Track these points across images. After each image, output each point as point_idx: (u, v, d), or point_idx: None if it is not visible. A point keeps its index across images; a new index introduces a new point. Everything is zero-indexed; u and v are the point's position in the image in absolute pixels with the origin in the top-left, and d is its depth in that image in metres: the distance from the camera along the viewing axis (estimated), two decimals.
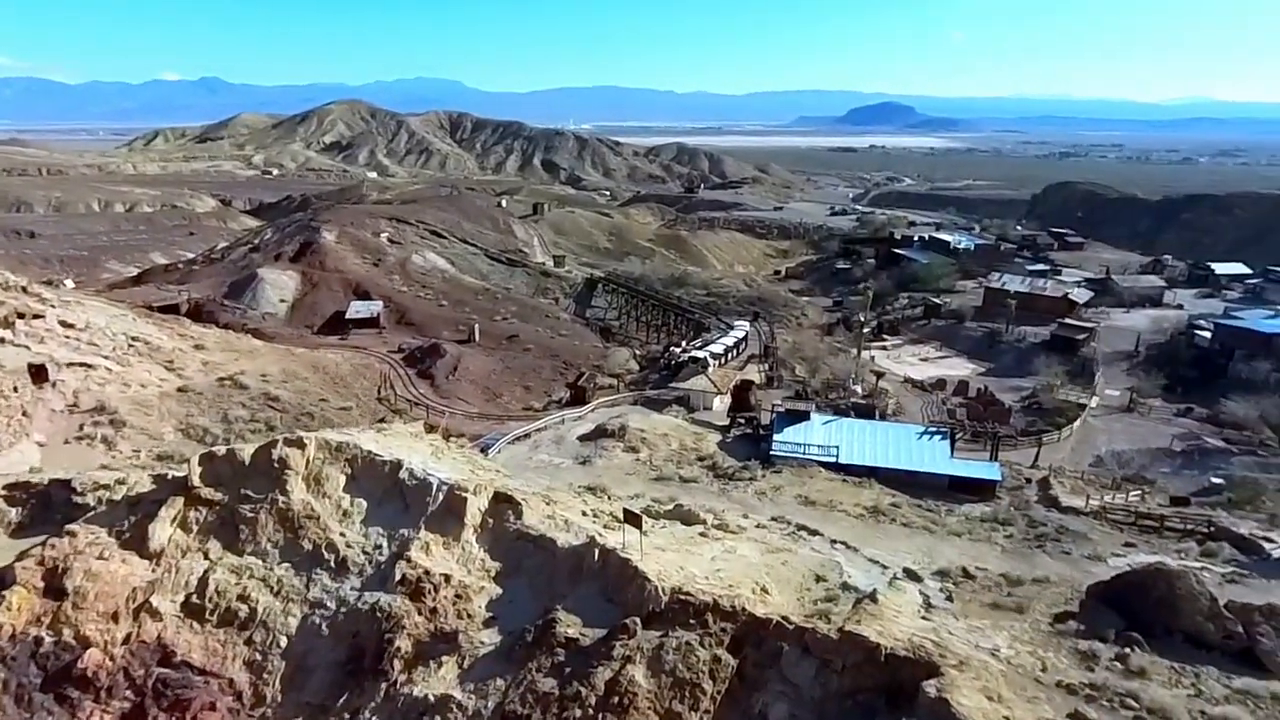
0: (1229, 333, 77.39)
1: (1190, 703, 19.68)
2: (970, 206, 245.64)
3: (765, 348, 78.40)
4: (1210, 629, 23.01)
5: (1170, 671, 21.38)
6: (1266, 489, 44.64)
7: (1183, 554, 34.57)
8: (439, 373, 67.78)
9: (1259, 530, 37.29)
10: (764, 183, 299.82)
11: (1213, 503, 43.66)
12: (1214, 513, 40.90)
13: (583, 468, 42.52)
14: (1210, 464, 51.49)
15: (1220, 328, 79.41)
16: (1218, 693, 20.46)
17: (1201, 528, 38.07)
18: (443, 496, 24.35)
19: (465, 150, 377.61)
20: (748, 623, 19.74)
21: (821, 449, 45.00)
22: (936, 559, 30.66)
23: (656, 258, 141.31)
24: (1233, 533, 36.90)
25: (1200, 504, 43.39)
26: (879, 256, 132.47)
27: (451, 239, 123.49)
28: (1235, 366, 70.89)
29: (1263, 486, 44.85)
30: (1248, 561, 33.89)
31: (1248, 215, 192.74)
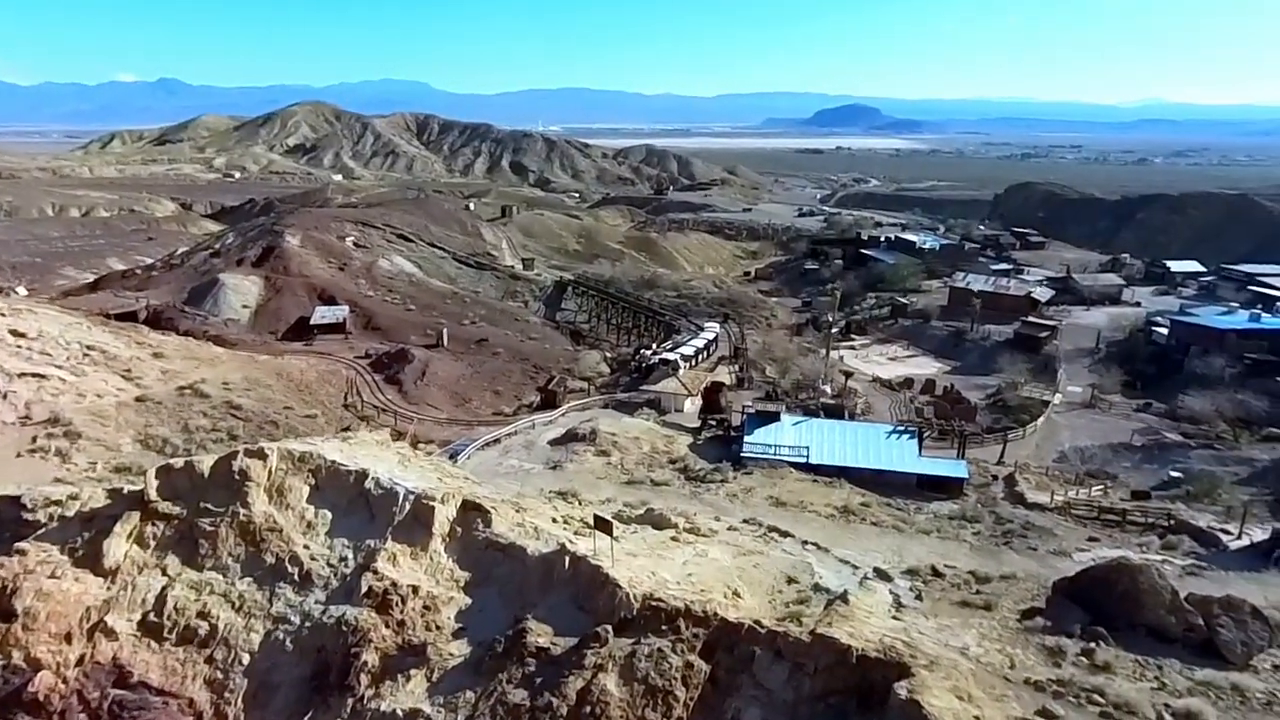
0: (1185, 329, 79.39)
1: (1154, 696, 20.01)
2: (935, 207, 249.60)
3: (735, 349, 78.65)
4: (1172, 622, 23.47)
5: (1134, 665, 21.75)
6: (1223, 482, 45.79)
7: (1144, 547, 35.33)
8: (406, 378, 66.86)
9: (1216, 523, 38.24)
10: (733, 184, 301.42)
11: (1172, 496, 44.70)
12: (1174, 506, 41.84)
13: (553, 473, 42.20)
14: (1169, 458, 52.69)
15: (1176, 324, 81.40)
16: (1180, 685, 20.84)
17: (1162, 521, 38.94)
18: (410, 506, 23.91)
19: (432, 152, 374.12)
20: (720, 627, 19.65)
21: (792, 450, 45.19)
22: (906, 558, 30.93)
23: (626, 260, 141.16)
24: (1192, 525, 37.81)
25: (1160, 498, 44.41)
26: (846, 257, 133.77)
27: (419, 242, 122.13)
28: (1191, 362, 72.67)
29: (1219, 479, 46.00)
30: (1206, 554, 34.73)
31: (1201, 214, 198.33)
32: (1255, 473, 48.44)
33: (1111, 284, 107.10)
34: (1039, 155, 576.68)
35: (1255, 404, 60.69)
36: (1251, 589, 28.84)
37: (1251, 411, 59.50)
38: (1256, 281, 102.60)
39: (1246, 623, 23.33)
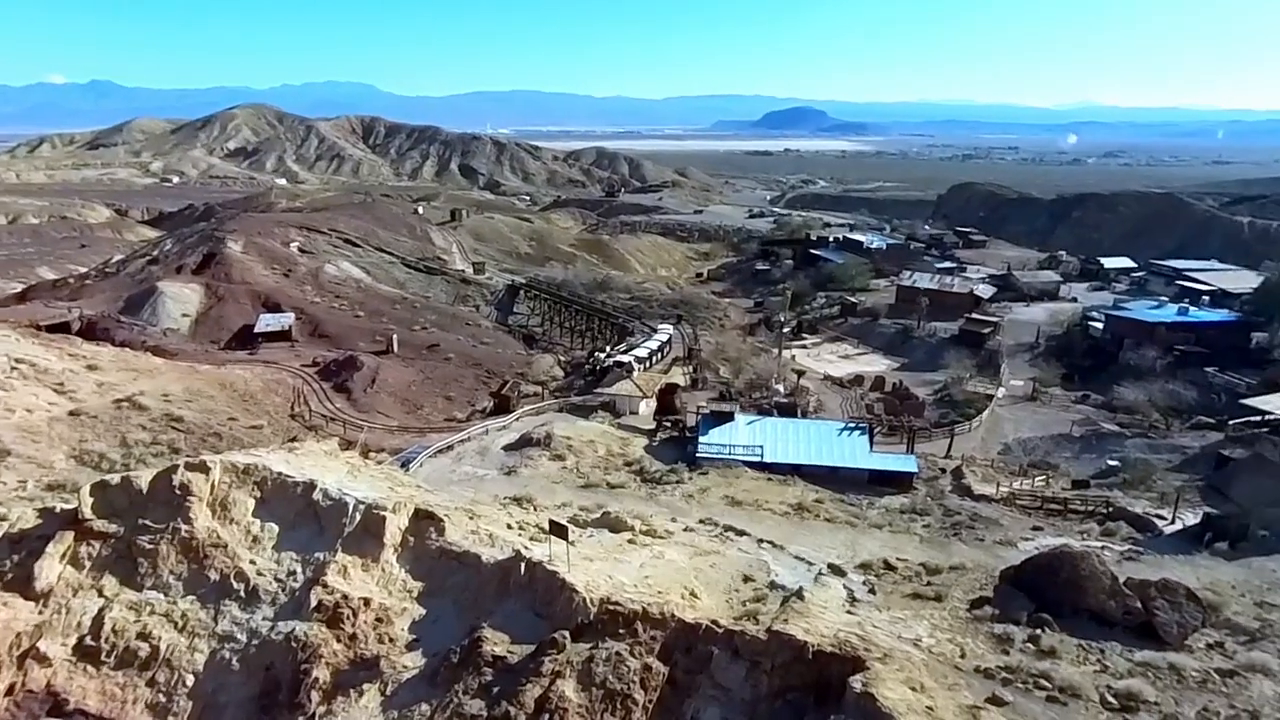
0: (1118, 323, 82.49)
1: (1097, 678, 20.72)
2: (881, 207, 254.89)
3: (689, 350, 79.00)
4: (1112, 606, 24.33)
5: (1078, 649, 22.48)
6: (1157, 469, 47.61)
7: (1085, 535, 36.57)
8: (356, 386, 65.48)
9: (1151, 508, 39.79)
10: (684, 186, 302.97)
11: (1110, 484, 46.29)
12: (1111, 494, 43.40)
13: (508, 478, 41.78)
14: (1106, 447, 54.60)
15: (1110, 318, 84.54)
16: (1121, 667, 21.62)
17: (1101, 509, 40.37)
18: (360, 516, 23.41)
19: (379, 156, 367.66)
20: (677, 629, 19.69)
21: (747, 449, 45.56)
22: (859, 552, 31.44)
23: (579, 262, 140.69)
24: (1129, 512, 39.28)
25: (1099, 486, 45.98)
26: (796, 257, 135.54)
27: (366, 247, 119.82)
28: (1125, 354, 75.51)
29: (1153, 467, 47.81)
30: (1143, 539, 36.11)
31: (1131, 212, 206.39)
32: (1186, 459, 50.49)
33: (1049, 280, 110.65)
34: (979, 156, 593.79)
35: (1185, 393, 63.29)
36: (1185, 571, 30.10)
37: (1181, 401, 62.03)
38: (1183, 276, 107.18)
39: (1181, 604, 24.34)
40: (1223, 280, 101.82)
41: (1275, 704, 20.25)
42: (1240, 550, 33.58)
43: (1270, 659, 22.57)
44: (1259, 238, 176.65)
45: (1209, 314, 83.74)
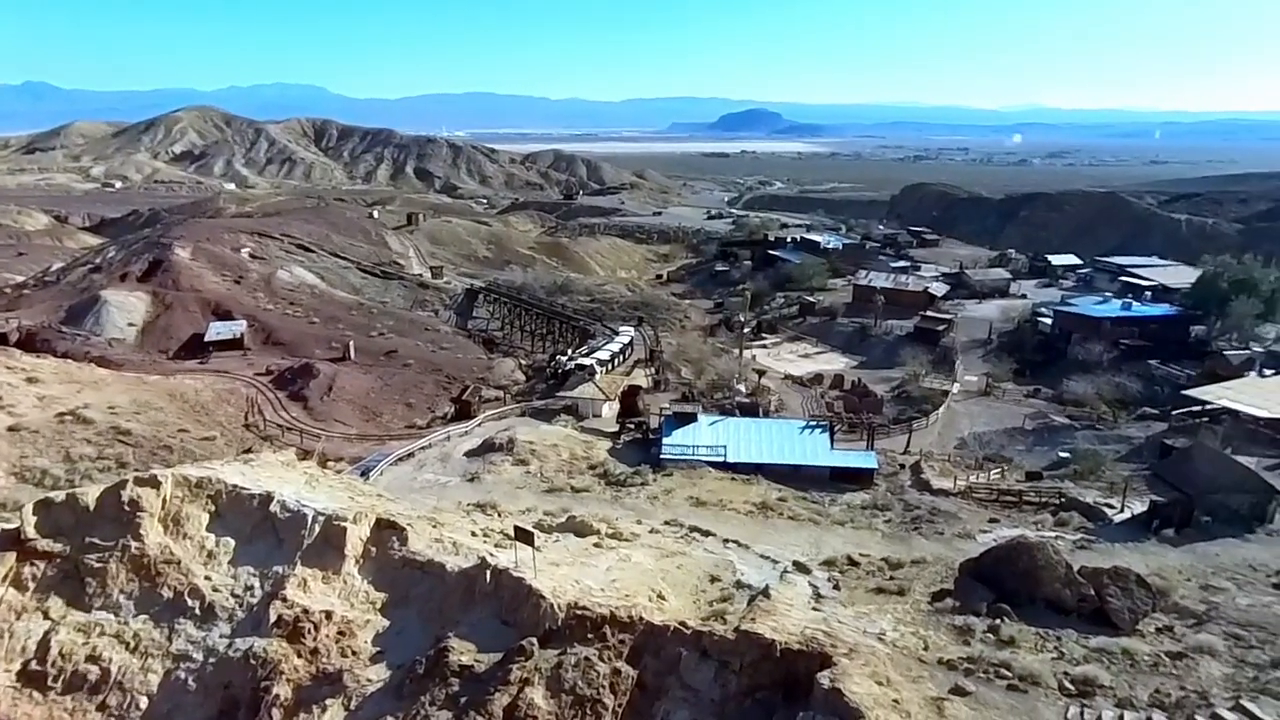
0: (1066, 319, 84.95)
1: (1055, 665, 21.26)
2: (836, 208, 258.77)
3: (651, 352, 79.09)
4: (1067, 594, 25.00)
5: (1036, 638, 23.04)
6: (1106, 459, 49.10)
7: (1039, 525, 37.51)
8: (312, 394, 64.10)
9: (1101, 498, 40.98)
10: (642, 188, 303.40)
11: (1061, 475, 47.59)
12: (1063, 484, 44.60)
13: (471, 485, 41.31)
14: (1057, 439, 56.20)
15: (1059, 314, 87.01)
16: (1077, 653, 22.21)
17: (1054, 499, 41.45)
18: (319, 528, 22.91)
19: (332, 159, 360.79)
20: (646, 631, 19.67)
21: (710, 449, 45.76)
22: (823, 549, 31.78)
23: (538, 265, 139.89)
24: (1080, 502, 40.40)
25: (1051, 477, 47.24)
26: (755, 258, 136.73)
27: (320, 252, 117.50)
28: (1073, 349, 77.80)
29: (1102, 457, 49.30)
30: (1094, 528, 37.18)
31: (1076, 211, 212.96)
32: (1133, 449, 52.22)
33: (1000, 278, 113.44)
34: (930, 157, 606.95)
35: (1130, 385, 65.46)
36: (1135, 559, 31.04)
37: (1127, 393, 64.13)
38: (1126, 273, 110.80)
39: (1132, 591, 25.10)
40: (1163, 276, 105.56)
41: (1222, 684, 21.01)
42: (1185, 536, 34.78)
43: (1216, 640, 23.41)
44: (1195, 234, 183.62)
45: (1151, 309, 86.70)
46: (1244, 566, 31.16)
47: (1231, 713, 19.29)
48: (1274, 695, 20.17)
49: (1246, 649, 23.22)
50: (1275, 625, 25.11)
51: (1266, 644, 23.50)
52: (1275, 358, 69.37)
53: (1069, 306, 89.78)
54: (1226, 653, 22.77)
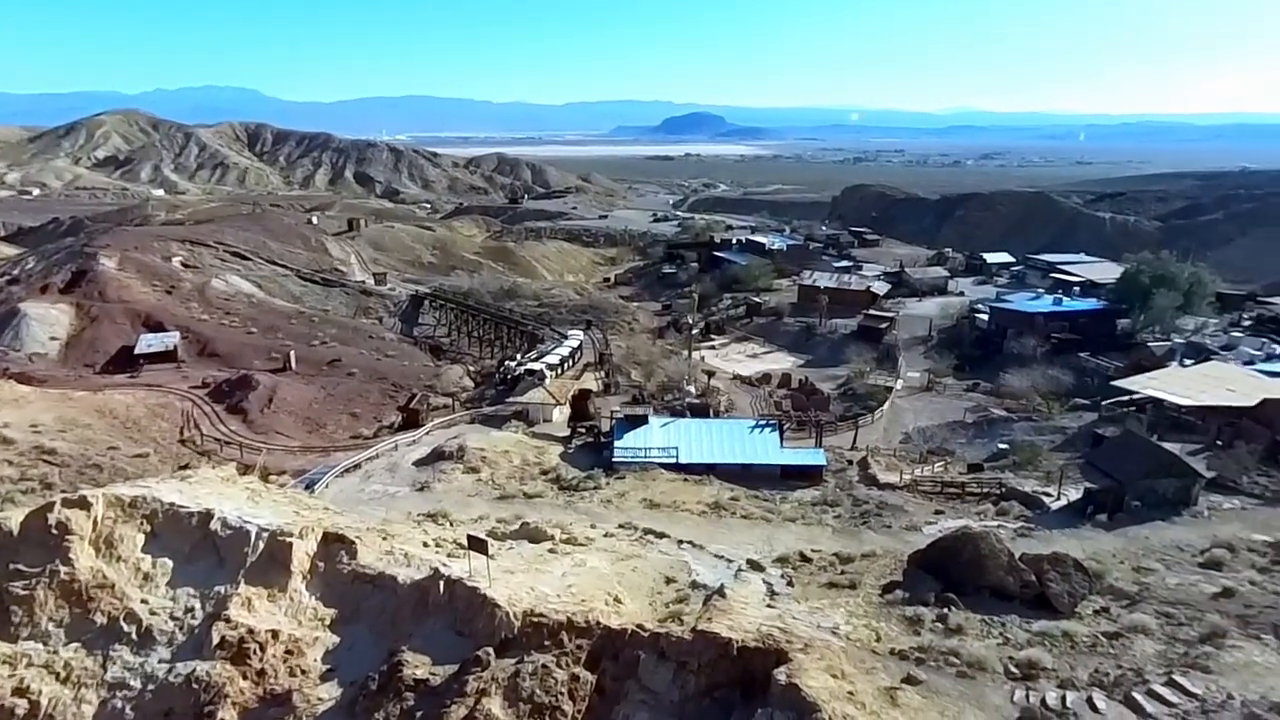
0: (1002, 315, 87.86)
1: (1000, 651, 21.93)
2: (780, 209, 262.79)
3: (600, 355, 79.00)
4: (1010, 581, 25.81)
5: (982, 624, 23.73)
6: (1042, 449, 50.92)
7: (982, 515, 38.68)
8: (252, 406, 62.12)
9: (1039, 487, 42.48)
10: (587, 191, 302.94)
11: (1001, 466, 49.18)
12: (1003, 475, 46.08)
13: (421, 494, 40.59)
14: (997, 432, 58.06)
15: (995, 311, 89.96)
16: (1021, 638, 22.96)
17: (994, 490, 42.79)
18: (263, 544, 22.20)
19: (267, 164, 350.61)
20: (603, 636, 19.60)
21: (662, 451, 45.92)
22: (776, 547, 32.16)
23: (484, 270, 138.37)
24: (1019, 491, 41.82)
25: (991, 468, 48.78)
26: (701, 260, 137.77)
27: (257, 260, 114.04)
28: (1009, 344, 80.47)
29: (1039, 448, 51.11)
30: (1033, 516, 38.53)
31: (1008, 210, 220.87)
32: (1067, 439, 54.27)
33: (938, 276, 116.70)
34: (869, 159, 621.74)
35: (1062, 378, 67.99)
36: (1072, 544, 32.25)
37: (1060, 385, 66.57)
38: (1056, 269, 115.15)
39: (1070, 575, 26.06)
40: (1090, 272, 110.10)
41: (1155, 660, 21.98)
42: (1118, 521, 36.31)
43: (1149, 619, 24.48)
44: (1119, 232, 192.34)
45: (1080, 303, 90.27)
46: (1172, 548, 32.69)
47: (1165, 688, 20.17)
48: (1203, 669, 21.19)
49: (1176, 626, 24.34)
50: (1202, 603, 26.40)
51: (1194, 620, 24.67)
52: (1194, 348, 72.98)
53: (1004, 303, 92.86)
54: (1158, 630, 23.82)
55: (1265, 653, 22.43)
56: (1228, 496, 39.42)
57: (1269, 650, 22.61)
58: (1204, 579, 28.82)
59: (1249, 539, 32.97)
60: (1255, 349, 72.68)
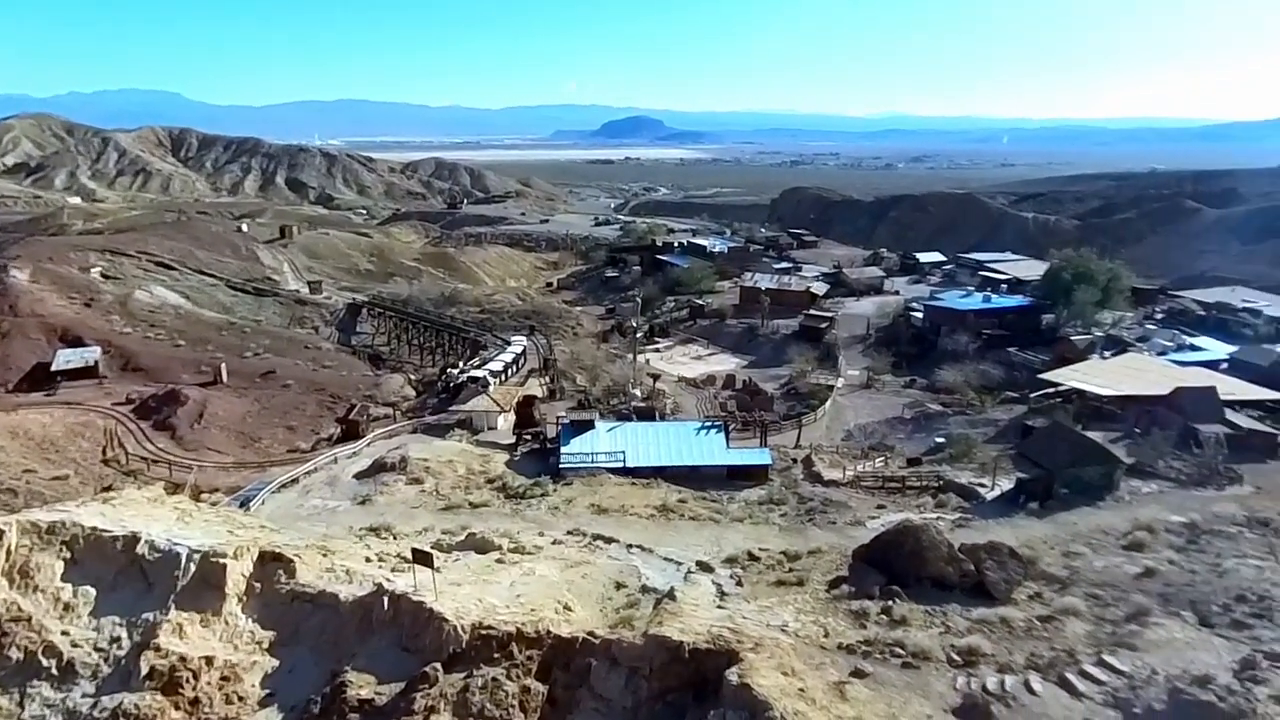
0: (935, 312, 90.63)
1: (942, 639, 22.53)
2: (720, 212, 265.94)
3: (544, 361, 78.52)
4: (950, 571, 26.55)
5: (924, 615, 24.34)
6: (976, 442, 52.62)
7: (922, 508, 39.75)
8: (181, 422, 59.68)
9: (974, 478, 43.90)
10: (528, 196, 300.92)
11: (938, 459, 50.65)
12: (940, 468, 47.47)
13: (362, 508, 39.57)
14: (933, 426, 59.81)
15: (928, 309, 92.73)
16: (962, 626, 23.64)
17: (933, 483, 44.05)
18: (195, 567, 21.27)
19: (193, 170, 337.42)
20: (554, 645, 19.41)
21: (609, 455, 45.83)
22: (725, 547, 32.39)
23: (424, 277, 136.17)
24: (956, 483, 43.14)
25: (929, 462, 50.21)
26: (644, 263, 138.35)
27: (183, 270, 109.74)
28: (942, 340, 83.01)
29: (974, 440, 52.80)
30: (969, 506, 39.77)
31: (938, 211, 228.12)
32: (999, 431, 56.27)
33: (875, 276, 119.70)
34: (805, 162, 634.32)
35: (993, 372, 70.47)
36: (1006, 532, 33.41)
37: (991, 379, 68.98)
38: (985, 268, 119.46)
39: (1006, 562, 26.96)
40: (1016, 269, 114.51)
41: (1086, 641, 22.91)
42: (1048, 508, 37.76)
43: (1079, 602, 25.51)
44: (1041, 230, 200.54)
45: (1008, 300, 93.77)
46: (1098, 532, 34.15)
47: (1096, 667, 21.04)
48: (1129, 647, 22.18)
49: (1104, 607, 25.42)
50: (1126, 583, 27.65)
51: (1120, 601, 25.81)
52: (1113, 341, 76.57)
53: (937, 301, 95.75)
54: (1088, 612, 24.84)
55: (1185, 629, 23.61)
56: (1146, 481, 41.43)
57: (1188, 626, 23.81)
58: (1127, 560, 30.20)
59: (1167, 521, 34.71)
60: (1168, 340, 76.77)
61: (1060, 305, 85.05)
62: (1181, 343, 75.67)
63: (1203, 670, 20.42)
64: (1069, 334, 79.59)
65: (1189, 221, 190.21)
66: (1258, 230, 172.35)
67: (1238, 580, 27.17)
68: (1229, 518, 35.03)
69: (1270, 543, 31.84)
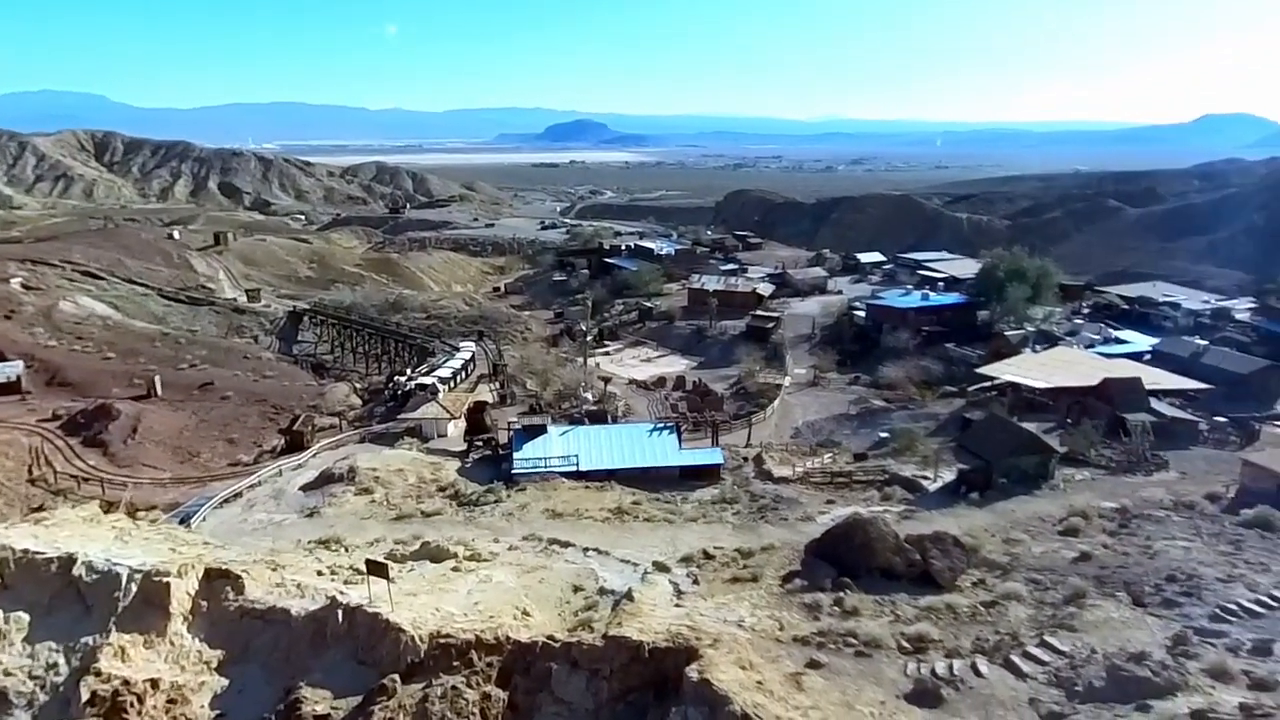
0: (877, 310, 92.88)
1: (892, 627, 23.25)
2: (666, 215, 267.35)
3: (494, 366, 77.80)
4: (898, 562, 27.39)
5: (874, 605, 25.06)
6: (919, 436, 54.12)
7: (869, 501, 40.82)
8: (113, 438, 57.21)
9: (918, 471, 45.25)
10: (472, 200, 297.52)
11: (883, 453, 51.97)
12: (886, 462, 48.77)
13: (310, 521, 38.69)
14: (878, 422, 61.31)
15: (870, 307, 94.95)
16: (910, 614, 24.42)
17: (879, 476, 45.26)
18: (136, 587, 20.60)
19: (119, 175, 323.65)
20: (513, 651, 19.39)
21: (562, 460, 45.76)
22: (680, 547, 32.70)
23: (367, 283, 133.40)
24: (901, 476, 44.41)
25: (875, 456, 51.50)
26: (592, 266, 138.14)
27: (112, 279, 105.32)
28: (884, 338, 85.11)
29: (916, 434, 54.30)
30: (914, 498, 41.03)
31: (878, 212, 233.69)
32: (940, 424, 58.03)
33: (818, 276, 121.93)
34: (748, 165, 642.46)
35: (933, 367, 72.58)
36: (949, 522, 34.55)
37: (931, 374, 71.03)
38: (923, 267, 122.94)
39: (950, 551, 27.94)
40: (952, 268, 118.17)
41: (1028, 624, 23.90)
42: (988, 497, 39.22)
43: (1019, 586, 26.60)
44: (975, 230, 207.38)
45: (944, 298, 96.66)
46: (1035, 519, 35.63)
47: (1038, 649, 21.99)
48: (1069, 629, 23.23)
49: (1044, 591, 26.56)
50: (1063, 567, 28.92)
51: (1058, 584, 26.99)
52: (1044, 335, 79.73)
53: (878, 300, 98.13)
54: (1029, 596, 25.92)
55: (1120, 609, 24.83)
56: (1079, 469, 43.41)
57: (1123, 606, 25.05)
58: (1064, 545, 31.59)
59: (1099, 506, 36.40)
60: (1095, 334, 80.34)
61: (994, 302, 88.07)
62: (1108, 336, 79.28)
63: (1138, 647, 21.53)
64: (1003, 329, 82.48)
65: (1111, 220, 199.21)
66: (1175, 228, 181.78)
67: (1167, 561, 28.70)
68: (1157, 502, 36.95)
69: (1195, 525, 33.71)
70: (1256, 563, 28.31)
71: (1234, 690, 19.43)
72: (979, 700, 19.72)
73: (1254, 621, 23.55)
